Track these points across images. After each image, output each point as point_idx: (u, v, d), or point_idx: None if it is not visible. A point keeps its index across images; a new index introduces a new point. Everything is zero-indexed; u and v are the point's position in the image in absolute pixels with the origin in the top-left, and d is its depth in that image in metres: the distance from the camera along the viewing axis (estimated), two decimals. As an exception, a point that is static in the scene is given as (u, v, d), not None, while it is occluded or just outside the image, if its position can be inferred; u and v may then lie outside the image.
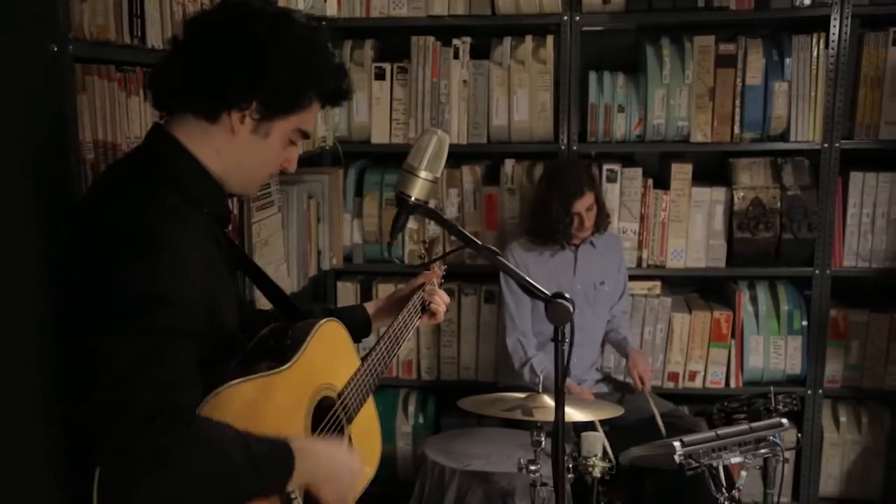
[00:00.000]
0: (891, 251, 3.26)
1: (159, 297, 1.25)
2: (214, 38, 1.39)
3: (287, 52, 1.38)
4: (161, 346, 1.22)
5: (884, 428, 3.37)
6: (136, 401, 1.18)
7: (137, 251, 1.27)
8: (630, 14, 3.20)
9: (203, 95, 1.40)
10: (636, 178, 3.32)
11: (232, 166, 1.44)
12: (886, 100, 3.16)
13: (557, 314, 1.44)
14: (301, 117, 1.44)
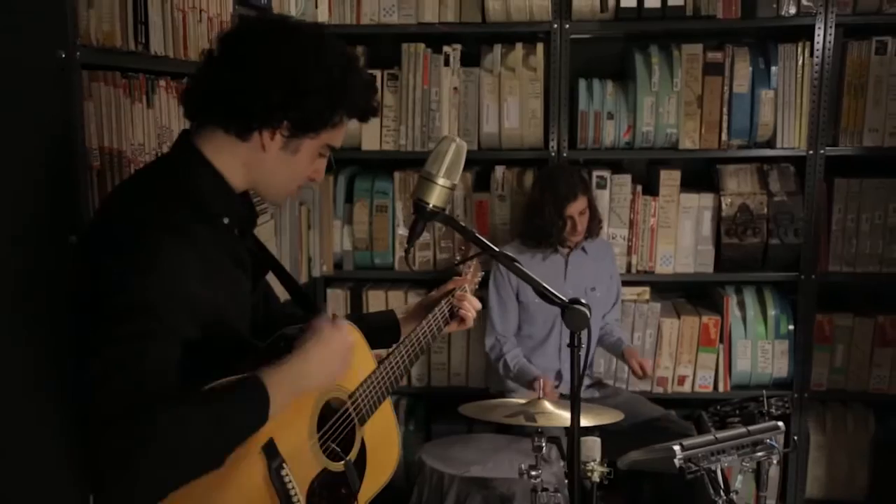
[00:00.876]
0: (874, 256, 3.31)
1: (145, 305, 1.27)
2: (249, 57, 1.40)
3: (322, 73, 1.39)
4: (137, 352, 1.24)
5: (868, 430, 3.43)
6: (104, 404, 1.21)
7: (132, 266, 1.29)
8: (619, 22, 3.23)
9: (235, 114, 1.41)
10: (625, 185, 3.35)
11: (261, 180, 1.46)
12: (870, 107, 3.22)
13: (575, 320, 1.45)
14: (331, 134, 1.46)
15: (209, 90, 1.43)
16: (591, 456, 2.39)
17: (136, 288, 1.28)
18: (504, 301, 3.04)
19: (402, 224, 3.39)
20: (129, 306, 1.27)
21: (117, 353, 1.24)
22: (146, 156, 1.92)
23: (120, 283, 1.28)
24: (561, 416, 2.24)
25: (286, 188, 1.50)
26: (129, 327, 1.26)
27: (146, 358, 1.25)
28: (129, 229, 1.33)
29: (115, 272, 1.29)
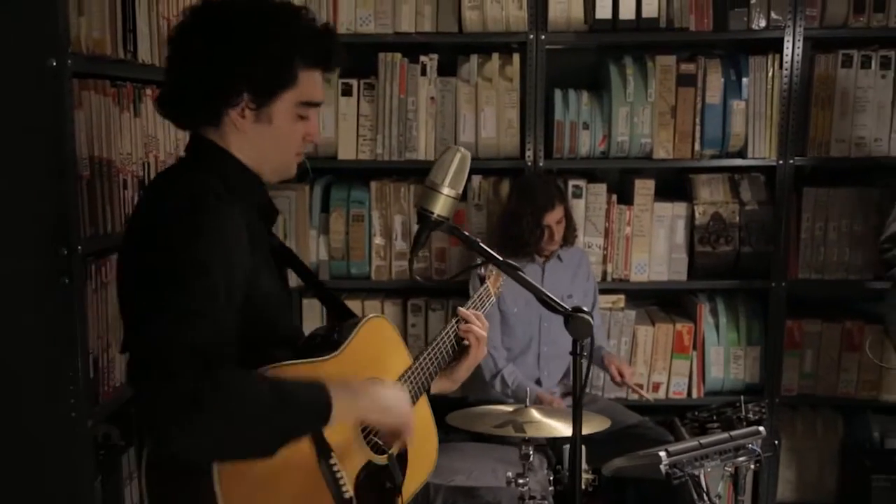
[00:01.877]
0: (841, 263, 3.39)
1: (203, 268, 1.27)
2: (186, 47, 1.41)
3: (255, 33, 1.38)
4: (198, 310, 1.25)
5: (837, 433, 3.51)
6: (171, 357, 1.21)
7: (185, 228, 1.30)
8: (594, 33, 3.28)
9: (197, 107, 1.41)
10: (601, 194, 3.39)
11: (255, 158, 1.46)
12: (836, 119, 3.30)
13: (578, 328, 1.46)
14: (297, 91, 1.43)
15: (171, 94, 1.44)
16: (575, 463, 2.41)
17: (199, 248, 1.28)
18: (489, 312, 3.03)
19: (379, 234, 3.38)
20: (193, 265, 1.27)
21: (182, 309, 1.24)
22: (133, 165, 1.90)
23: (181, 244, 1.28)
24: (549, 426, 2.25)
25: (281, 160, 1.49)
26: (195, 285, 1.26)
27: (209, 316, 1.25)
28: (182, 197, 1.34)
29: (175, 235, 1.29)
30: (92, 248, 1.74)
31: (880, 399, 3.45)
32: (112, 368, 1.85)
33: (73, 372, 1.69)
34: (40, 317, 1.66)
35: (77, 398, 1.70)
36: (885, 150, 3.31)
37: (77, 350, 1.68)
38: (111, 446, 1.96)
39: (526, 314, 3.07)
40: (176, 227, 1.30)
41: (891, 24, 3.24)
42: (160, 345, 1.22)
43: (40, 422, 1.69)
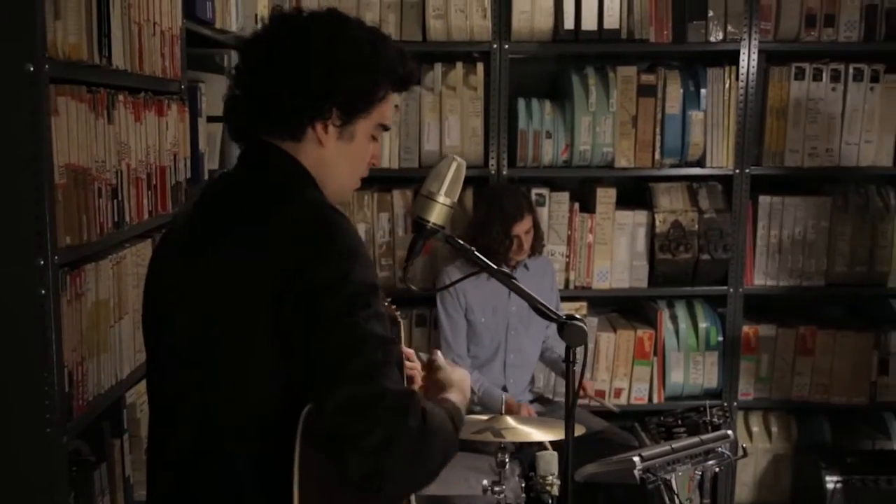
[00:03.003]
0: (795, 270, 3.49)
1: (373, 290, 1.27)
2: (279, 58, 1.37)
3: (351, 50, 1.37)
4: (387, 337, 1.24)
5: (791, 435, 3.60)
6: (389, 393, 1.20)
7: (342, 251, 1.27)
8: (557, 44, 3.32)
9: (285, 117, 1.38)
10: (563, 203, 3.43)
11: (325, 177, 1.43)
12: (790, 129, 3.40)
13: (573, 336, 1.47)
14: (380, 111, 1.43)
15: (250, 104, 1.40)
16: (549, 470, 2.42)
17: (357, 272, 1.25)
18: (455, 321, 3.05)
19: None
20: (359, 293, 1.24)
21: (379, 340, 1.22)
22: (107, 173, 1.85)
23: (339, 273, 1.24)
24: (525, 432, 2.26)
25: (351, 180, 1.47)
26: (370, 312, 1.24)
27: (392, 348, 1.25)
28: (309, 217, 1.30)
29: (328, 264, 1.25)
30: (68, 258, 1.69)
31: (832, 401, 3.56)
32: (86, 382, 1.80)
33: (48, 386, 1.63)
34: (15, 329, 1.60)
35: (52, 413, 1.65)
36: (836, 159, 3.42)
37: (53, 364, 1.63)
38: (82, 462, 1.90)
39: (493, 323, 3.09)
40: (346, 255, 1.26)
41: (840, 39, 3.36)
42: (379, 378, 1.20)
43: (14, 438, 1.63)
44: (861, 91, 3.39)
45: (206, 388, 1.34)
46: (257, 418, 1.29)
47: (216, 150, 2.71)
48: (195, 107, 2.51)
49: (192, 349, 1.35)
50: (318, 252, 1.25)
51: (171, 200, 2.24)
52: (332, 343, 1.21)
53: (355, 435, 1.17)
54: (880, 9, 3.36)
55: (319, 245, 1.26)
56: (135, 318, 2.04)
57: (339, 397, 1.19)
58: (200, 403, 1.34)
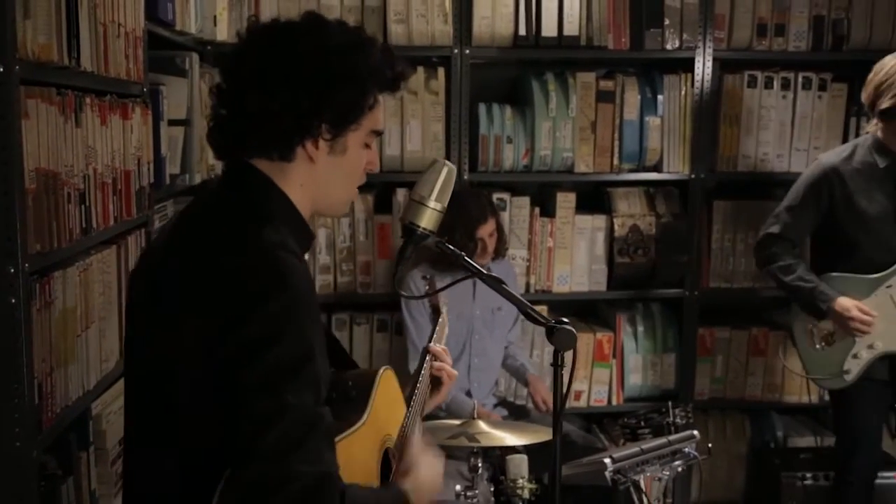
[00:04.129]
0: (749, 273, 3.57)
1: (308, 353, 1.20)
2: (263, 77, 1.32)
3: (339, 63, 1.32)
4: (316, 413, 1.18)
5: (745, 435, 3.68)
6: (297, 476, 1.13)
7: (281, 305, 1.20)
8: (517, 49, 3.34)
9: (272, 138, 1.33)
10: (524, 207, 3.45)
11: (320, 193, 1.39)
12: (743, 136, 3.48)
13: (562, 340, 1.48)
14: (371, 119, 1.39)
15: (236, 123, 1.35)
16: (519, 473, 2.43)
17: (292, 330, 1.19)
18: (420, 325, 3.03)
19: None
20: (291, 355, 1.18)
21: (294, 418, 1.16)
22: (75, 178, 1.80)
23: (272, 329, 1.18)
24: (498, 436, 2.27)
25: (347, 192, 1.44)
26: (299, 381, 1.18)
27: (319, 420, 1.19)
28: (254, 263, 1.23)
29: (262, 318, 1.19)
30: (38, 265, 1.63)
31: (783, 401, 3.65)
32: (54, 394, 1.74)
33: (18, 399, 1.58)
34: (-17, 340, 1.55)
35: (22, 427, 1.59)
36: (786, 165, 3.52)
37: (24, 375, 1.58)
38: (49, 476, 1.84)
39: (458, 327, 3.09)
40: (281, 315, 1.19)
41: (789, 49, 3.46)
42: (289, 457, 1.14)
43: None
44: (809, 99, 3.49)
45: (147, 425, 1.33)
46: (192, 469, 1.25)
47: (178, 155, 2.65)
48: (157, 110, 2.45)
49: (141, 382, 1.35)
50: (251, 309, 1.19)
51: (136, 206, 2.19)
52: (250, 413, 1.16)
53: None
54: (827, 20, 3.46)
55: (253, 302, 1.20)
56: (101, 327, 1.99)
57: (248, 475, 1.15)
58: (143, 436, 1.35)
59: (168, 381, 1.25)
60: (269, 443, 1.14)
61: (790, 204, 2.94)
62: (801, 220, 2.90)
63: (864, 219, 2.79)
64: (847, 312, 2.75)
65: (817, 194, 2.86)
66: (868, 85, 2.80)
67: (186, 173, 2.68)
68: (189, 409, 1.24)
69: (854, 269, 2.82)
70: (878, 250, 2.78)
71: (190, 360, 1.22)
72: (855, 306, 2.76)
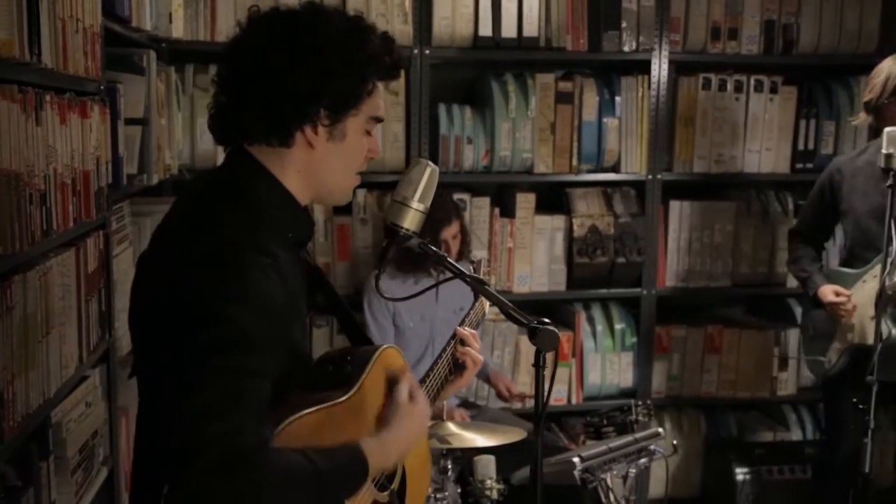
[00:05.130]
0: (703, 272, 3.64)
1: (246, 340, 1.20)
2: (263, 64, 1.33)
3: (337, 49, 1.34)
4: (236, 391, 1.18)
5: (700, 431, 3.75)
6: (203, 450, 1.14)
7: (224, 292, 1.22)
8: (477, 50, 3.34)
9: (271, 123, 1.34)
10: (484, 208, 3.45)
11: (319, 180, 1.40)
12: (698, 137, 3.54)
13: (545, 341, 1.48)
14: (370, 105, 1.40)
15: (236, 111, 1.36)
16: (487, 474, 2.44)
17: (233, 317, 1.20)
18: (382, 326, 3.02)
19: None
20: (226, 338, 1.19)
21: (212, 393, 1.16)
22: (37, 178, 1.73)
23: (213, 311, 1.20)
24: (468, 437, 2.26)
25: (347, 180, 1.44)
26: (229, 362, 1.18)
27: (245, 397, 1.18)
28: (216, 251, 1.24)
29: (207, 300, 1.21)
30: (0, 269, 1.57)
31: (737, 397, 3.73)
32: (15, 403, 1.68)
33: (-21, 408, 1.52)
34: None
35: (-16, 437, 1.53)
36: (740, 166, 3.59)
37: (-15, 383, 1.51)
38: (9, 488, 1.77)
39: (421, 328, 3.08)
40: (218, 285, 1.22)
41: (742, 52, 3.53)
42: (195, 434, 1.15)
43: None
44: (761, 101, 3.57)
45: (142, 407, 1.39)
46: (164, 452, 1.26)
47: (135, 154, 2.58)
48: (115, 109, 2.39)
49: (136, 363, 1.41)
50: (201, 285, 1.23)
51: (95, 207, 2.13)
52: (179, 381, 1.20)
53: (177, 484, 1.16)
54: (777, 24, 3.55)
55: (203, 278, 1.23)
56: (61, 333, 1.93)
57: (171, 443, 1.18)
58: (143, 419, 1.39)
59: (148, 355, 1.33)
60: (188, 413, 1.17)
61: (806, 202, 3.17)
62: (811, 215, 3.12)
63: (855, 215, 2.91)
64: (825, 298, 2.89)
65: (821, 191, 3.04)
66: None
67: (144, 174, 2.62)
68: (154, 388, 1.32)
69: (849, 262, 2.97)
70: (864, 246, 2.88)
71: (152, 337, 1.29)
72: (832, 291, 2.89)
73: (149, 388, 1.36)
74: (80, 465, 2.06)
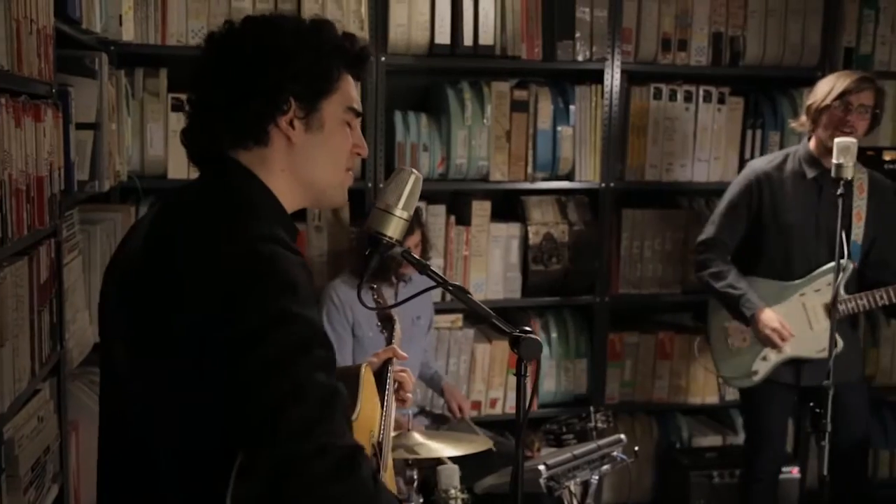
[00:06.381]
0: (655, 279, 3.69)
1: (313, 335, 1.16)
2: (224, 69, 1.32)
3: (293, 36, 1.33)
4: (331, 388, 1.14)
5: (653, 436, 3.79)
6: (331, 449, 1.10)
7: (278, 291, 1.16)
8: (433, 57, 3.33)
9: (244, 124, 1.31)
10: (440, 215, 3.44)
11: (307, 178, 1.36)
12: (650, 146, 3.60)
13: (528, 350, 1.47)
14: (342, 93, 1.37)
15: (207, 122, 1.33)
16: (451, 483, 2.41)
17: (294, 315, 1.15)
18: (342, 337, 2.98)
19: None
20: (297, 337, 1.14)
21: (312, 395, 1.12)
22: (-10, 184, 1.66)
23: (272, 315, 1.14)
24: (434, 447, 2.24)
25: (337, 174, 1.40)
26: (309, 359, 1.13)
27: (335, 396, 1.15)
28: (249, 252, 1.18)
29: (261, 302, 1.14)
30: (-45, 280, 1.50)
31: (688, 402, 3.79)
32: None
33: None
34: None
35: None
36: (690, 174, 3.65)
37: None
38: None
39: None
40: (281, 292, 1.16)
41: (692, 63, 3.59)
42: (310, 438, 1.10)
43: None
44: (710, 112, 3.65)
45: (142, 430, 1.27)
46: (189, 468, 1.22)
47: (86, 160, 2.50)
48: (66, 112, 2.31)
49: (128, 386, 1.28)
50: (247, 292, 1.15)
51: (48, 214, 2.05)
52: (262, 397, 1.11)
53: (294, 498, 1.09)
54: (725, 37, 3.63)
55: (249, 284, 1.15)
56: (14, 345, 1.85)
57: (275, 456, 1.10)
58: (138, 442, 1.27)
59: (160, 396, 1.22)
60: (293, 421, 1.10)
61: (723, 208, 3.06)
62: (733, 222, 3.02)
63: (786, 227, 2.93)
64: (769, 324, 2.85)
65: (748, 197, 2.98)
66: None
67: (96, 180, 2.53)
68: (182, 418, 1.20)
69: (773, 274, 2.95)
70: (797, 259, 2.91)
71: (182, 361, 1.17)
72: (777, 319, 2.87)
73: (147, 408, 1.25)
74: (33, 482, 1.98)
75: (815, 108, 2.87)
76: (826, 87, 2.88)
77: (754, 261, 3.00)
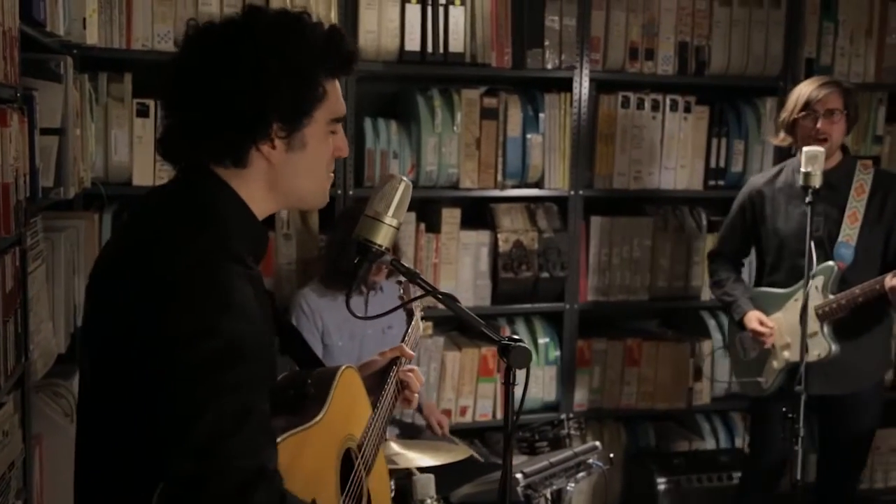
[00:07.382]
0: (623, 286, 3.71)
1: (240, 351, 1.14)
2: (201, 86, 1.26)
3: (276, 59, 1.26)
4: (247, 406, 1.12)
5: (621, 442, 3.81)
6: (230, 470, 1.08)
7: (212, 304, 1.15)
8: (403, 64, 3.32)
9: (222, 149, 1.27)
10: (410, 223, 3.42)
11: (289, 189, 1.33)
12: (618, 154, 3.62)
13: (517, 358, 1.47)
14: (326, 109, 1.33)
15: (184, 137, 1.29)
16: (427, 493, 2.39)
17: (224, 329, 1.13)
18: (312, 344, 2.93)
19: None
20: (222, 352, 1.12)
21: (224, 409, 1.10)
22: (-42, 191, 1.60)
23: (205, 326, 1.12)
24: (411, 457, 2.22)
25: (317, 183, 1.38)
26: (230, 378, 1.11)
27: (253, 412, 1.12)
28: (193, 265, 1.16)
29: (192, 315, 1.13)
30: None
31: (656, 408, 3.81)
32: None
33: None
34: None
35: None
36: (657, 182, 3.69)
37: None
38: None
39: (349, 347, 3.02)
40: (203, 308, 1.15)
41: (658, 72, 3.63)
42: (214, 456, 1.09)
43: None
44: (676, 120, 3.68)
45: (84, 426, 1.31)
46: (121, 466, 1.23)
47: (51, 166, 2.43)
48: (31, 117, 2.24)
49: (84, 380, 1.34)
50: (185, 300, 1.15)
51: (14, 222, 1.99)
52: (177, 406, 1.12)
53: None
54: (690, 46, 3.67)
55: (184, 294, 1.16)
56: (-21, 357, 1.79)
57: (181, 472, 1.10)
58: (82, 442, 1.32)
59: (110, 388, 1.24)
60: (200, 434, 1.10)
61: (725, 222, 3.22)
62: (732, 235, 3.18)
63: (780, 236, 2.99)
64: (748, 324, 2.95)
65: (742, 212, 3.12)
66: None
67: (61, 186, 2.47)
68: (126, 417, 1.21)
69: (776, 283, 3.02)
70: (793, 266, 2.94)
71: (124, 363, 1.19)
72: (756, 319, 2.94)
73: (111, 419, 1.25)
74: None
75: (787, 123, 2.92)
76: (792, 99, 2.93)
77: (762, 272, 3.11)
